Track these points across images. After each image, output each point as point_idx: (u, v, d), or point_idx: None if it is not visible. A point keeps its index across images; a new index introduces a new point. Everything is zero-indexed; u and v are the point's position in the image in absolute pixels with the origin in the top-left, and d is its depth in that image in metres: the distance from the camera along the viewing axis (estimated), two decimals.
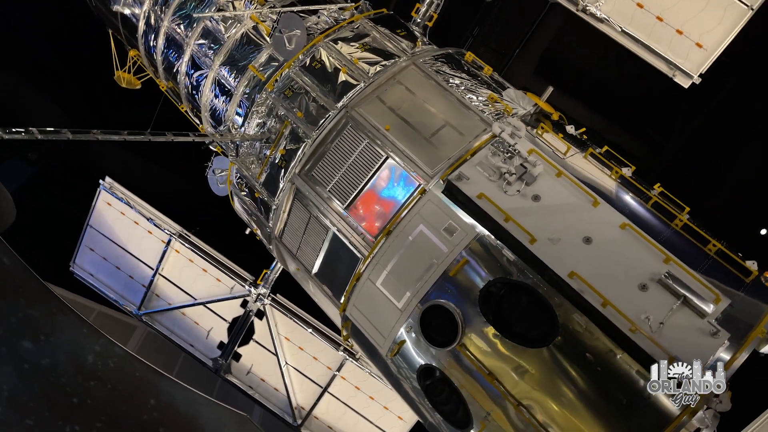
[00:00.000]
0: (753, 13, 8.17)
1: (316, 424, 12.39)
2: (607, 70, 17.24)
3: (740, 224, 14.45)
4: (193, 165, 17.64)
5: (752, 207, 14.43)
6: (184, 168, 16.69)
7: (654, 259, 6.31)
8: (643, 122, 17.67)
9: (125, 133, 6.49)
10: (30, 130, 5.66)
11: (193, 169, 17.68)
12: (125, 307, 12.71)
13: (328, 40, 8.25)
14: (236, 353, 12.38)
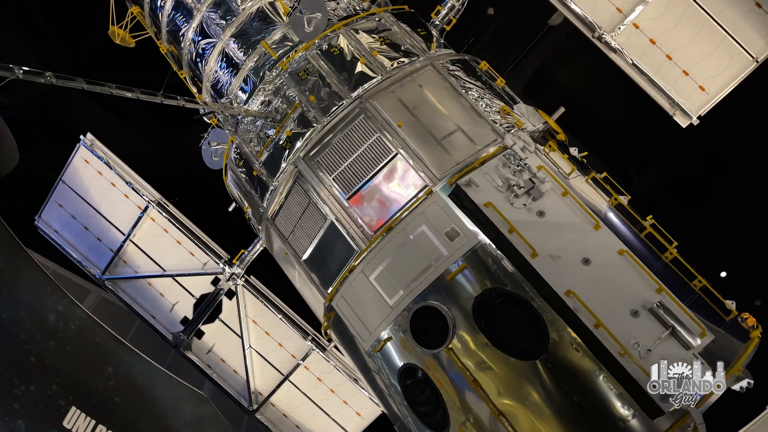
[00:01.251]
0: (756, 65, 8.52)
1: (271, 411, 12.25)
2: (595, 99, 17.69)
3: (700, 268, 15.05)
4: (178, 134, 17.24)
5: (713, 253, 15.04)
6: (168, 136, 16.27)
7: (647, 288, 6.49)
8: (619, 154, 18.20)
9: (113, 86, 6.24)
10: (11, 67, 5.31)
11: (177, 138, 17.27)
12: (88, 269, 12.27)
13: (348, 27, 8.17)
14: (199, 330, 12.12)
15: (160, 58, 12.07)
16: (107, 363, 10.17)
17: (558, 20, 17.07)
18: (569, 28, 17.82)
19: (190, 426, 10.50)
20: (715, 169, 15.99)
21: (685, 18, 8.50)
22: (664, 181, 17.22)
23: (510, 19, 17.97)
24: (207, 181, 18.36)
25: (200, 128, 17.22)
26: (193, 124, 17.02)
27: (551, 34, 17.90)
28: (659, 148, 17.23)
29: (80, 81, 5.94)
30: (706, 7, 8.38)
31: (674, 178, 17.12)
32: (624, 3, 8.65)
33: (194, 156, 18.66)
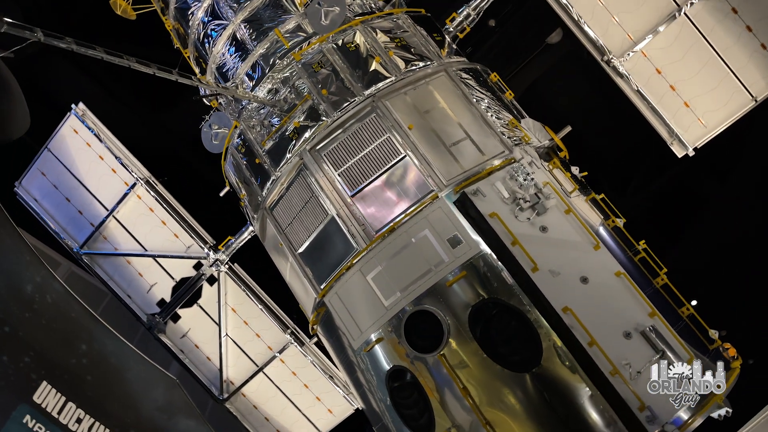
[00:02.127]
0: (755, 104, 8.78)
1: (241, 402, 12.11)
2: (584, 119, 17.96)
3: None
4: (164, 114, 16.90)
5: (686, 282, 15.39)
6: (153, 115, 15.92)
7: (641, 311, 6.63)
8: (600, 175, 18.50)
9: (102, 50, 6.04)
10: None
11: (163, 119, 16.92)
12: (65, 241, 11.95)
13: (366, 25, 8.14)
14: (176, 314, 11.90)
15: (159, 34, 11.84)
16: (81, 340, 9.92)
17: (556, 39, 17.30)
18: (566, 47, 18.12)
19: (160, 410, 10.31)
20: (691, 200, 16.37)
21: (693, 51, 8.71)
22: (641, 207, 17.56)
23: (509, 32, 18.13)
24: (189, 164, 18.10)
25: (188, 110, 16.97)
26: (179, 104, 16.75)
27: (548, 51, 18.11)
28: (641, 174, 17.56)
29: (70, 41, 5.71)
30: (713, 43, 8.59)
31: (651, 204, 17.47)
32: (635, 30, 8.82)
33: (178, 137, 18.35)
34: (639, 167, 17.63)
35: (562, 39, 17.32)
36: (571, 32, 16.98)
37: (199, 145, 16.89)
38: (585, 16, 8.81)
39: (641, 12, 8.69)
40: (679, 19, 8.58)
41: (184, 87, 16.51)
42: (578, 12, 8.80)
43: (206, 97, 10.28)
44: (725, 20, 8.50)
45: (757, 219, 11.23)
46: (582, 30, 8.92)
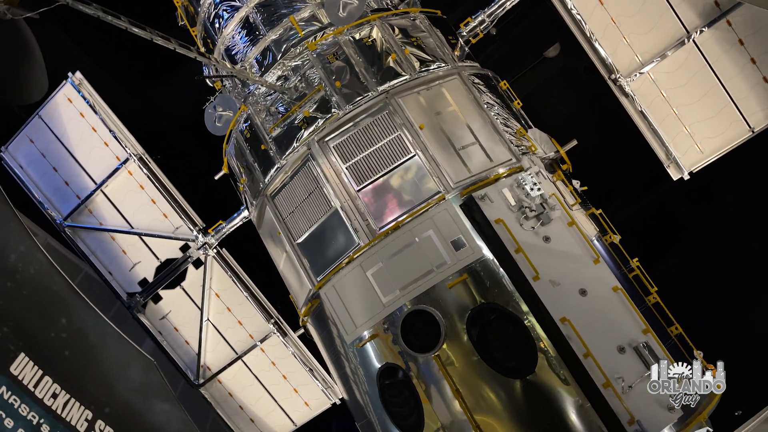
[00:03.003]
0: (751, 135, 9.02)
1: (216, 388, 11.97)
2: (574, 133, 18.17)
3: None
4: (161, 91, 16.57)
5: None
6: (149, 90, 15.61)
7: (635, 327, 6.77)
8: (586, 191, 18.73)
9: (127, 20, 5.85)
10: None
11: (158, 95, 16.59)
12: (49, 211, 11.64)
13: (384, 21, 8.12)
14: (157, 295, 11.71)
15: (163, 8, 11.62)
16: (61, 314, 9.68)
17: (553, 53, 17.50)
18: (562, 62, 18.30)
19: (135, 392, 10.11)
20: (672, 225, 16.66)
21: (697, 78, 8.90)
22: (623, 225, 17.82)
23: (509, 43, 18.27)
24: (176, 145, 17.77)
25: (180, 89, 16.71)
26: (171, 83, 16.45)
27: (544, 65, 18.30)
28: (626, 192, 17.83)
29: (96, 7, 5.47)
30: (718, 72, 8.80)
31: (634, 223, 17.75)
32: (644, 52, 8.98)
33: (167, 116, 18.00)
34: (625, 185, 17.90)
35: (559, 54, 17.51)
36: (569, 48, 17.22)
37: (188, 127, 16.66)
38: (597, 33, 8.94)
39: (652, 35, 8.85)
40: (687, 45, 8.76)
41: (179, 66, 16.32)
42: (591, 29, 8.92)
43: (210, 77, 10.14)
44: (731, 50, 8.71)
45: (742, 246, 11.54)
46: (593, 47, 9.04)
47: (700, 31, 8.65)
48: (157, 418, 10.19)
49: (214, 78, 9.93)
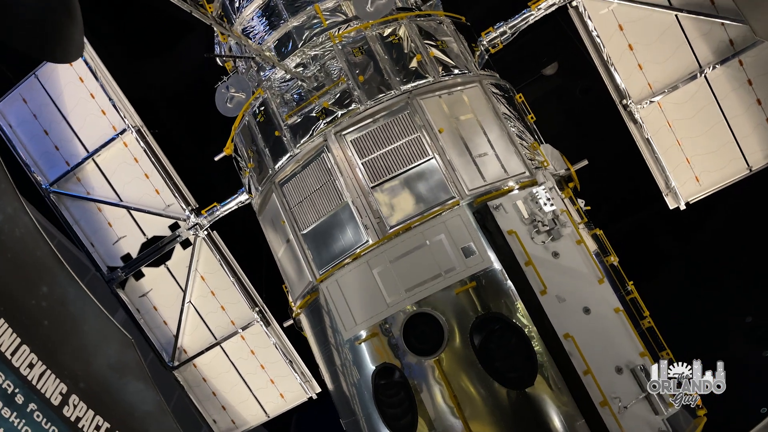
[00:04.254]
0: (748, 173, 9.29)
1: (190, 372, 11.75)
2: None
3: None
4: (155, 65, 16.14)
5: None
6: (141, 63, 15.18)
7: (633, 349, 6.90)
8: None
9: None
10: None
11: (151, 69, 16.15)
12: (35, 175, 11.25)
13: (411, 21, 8.10)
14: (140, 272, 11.44)
15: None
16: (43, 281, 9.35)
17: (551, 71, 17.74)
18: (558, 82, 18.53)
19: (111, 369, 9.84)
20: (651, 254, 16.98)
21: (704, 112, 9.12)
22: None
23: (508, 58, 18.40)
24: (163, 120, 17.36)
25: (173, 65, 16.31)
26: (165, 58, 16.05)
27: (540, 82, 18.52)
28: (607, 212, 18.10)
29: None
30: (724, 109, 9.03)
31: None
32: (656, 81, 9.16)
33: (159, 91, 17.56)
34: (612, 206, 18.18)
35: (556, 73, 17.75)
36: (566, 68, 17.43)
37: (179, 104, 16.31)
38: (614, 57, 9.08)
39: (666, 65, 9.03)
40: (699, 79, 8.97)
41: (174, 41, 15.92)
42: (608, 53, 9.05)
43: (222, 57, 9.95)
44: (740, 89, 8.95)
45: (722, 282, 11.88)
46: (608, 70, 9.18)
47: (712, 67, 8.86)
48: (130, 397, 9.93)
49: (227, 58, 9.74)
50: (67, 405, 8.79)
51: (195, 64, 15.92)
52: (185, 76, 16.00)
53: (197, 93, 16.48)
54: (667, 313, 12.24)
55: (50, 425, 8.38)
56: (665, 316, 12.09)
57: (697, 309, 11.61)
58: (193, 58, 15.99)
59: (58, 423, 8.49)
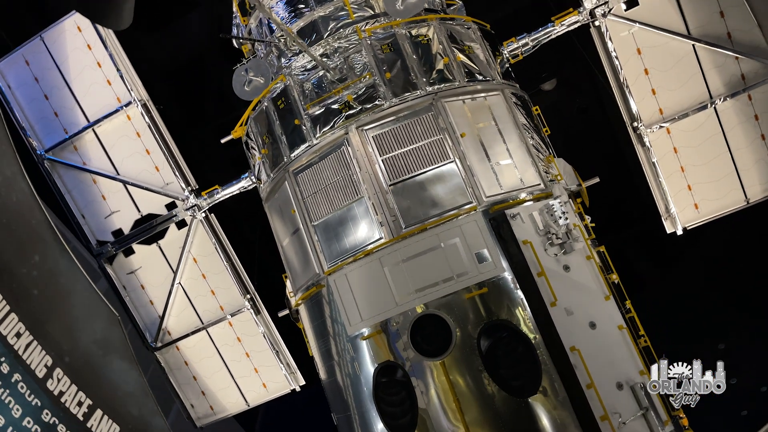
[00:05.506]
0: (746, 205, 9.57)
1: (172, 354, 11.56)
2: None
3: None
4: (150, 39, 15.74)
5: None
6: (145, 39, 14.85)
7: (634, 367, 7.05)
8: None
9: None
10: None
11: (149, 44, 15.78)
12: (30, 140, 10.92)
13: (441, 24, 8.11)
14: (130, 248, 11.20)
15: None
16: (35, 250, 9.10)
17: (548, 87, 17.97)
18: (554, 98, 18.78)
19: (96, 344, 9.62)
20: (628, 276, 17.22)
21: (710, 142, 9.36)
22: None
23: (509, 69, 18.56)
24: (157, 95, 17.02)
25: (165, 41, 15.97)
26: (159, 34, 15.72)
27: (537, 97, 18.70)
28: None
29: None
30: (729, 141, 9.29)
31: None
32: (667, 107, 9.36)
33: (154, 67, 17.24)
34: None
35: (554, 89, 17.98)
36: (564, 85, 17.62)
37: (176, 82, 16.00)
38: (630, 80, 9.25)
39: (679, 92, 9.24)
40: (709, 110, 9.21)
41: (174, 16, 15.54)
42: (625, 75, 9.22)
43: (239, 38, 9.81)
44: (746, 123, 9.22)
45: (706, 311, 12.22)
46: (623, 92, 9.35)
47: (723, 99, 9.10)
48: (113, 375, 9.73)
49: (245, 41, 9.61)
50: (51, 378, 8.57)
51: (191, 40, 15.65)
52: (182, 53, 15.73)
53: (195, 72, 16.24)
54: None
55: (33, 397, 8.17)
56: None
57: (671, 332, 11.89)
58: (194, 34, 15.68)
59: (41, 396, 8.28)
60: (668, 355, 11.31)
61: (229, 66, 15.23)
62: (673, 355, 11.59)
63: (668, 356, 9.62)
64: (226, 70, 15.28)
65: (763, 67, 8.87)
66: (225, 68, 15.28)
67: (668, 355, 10.90)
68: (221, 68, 15.36)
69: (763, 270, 11.39)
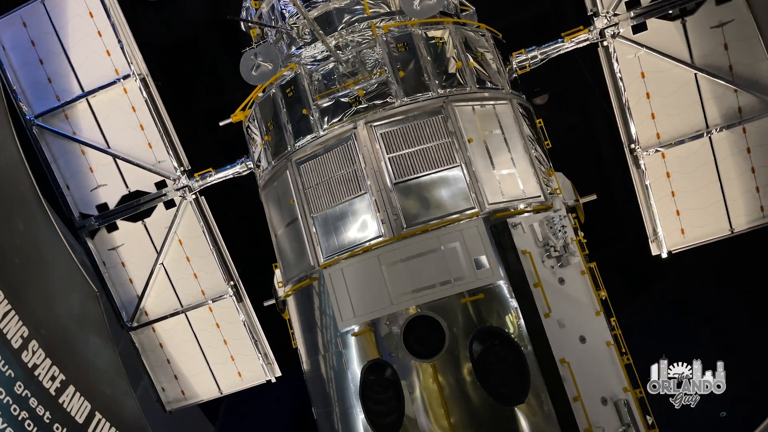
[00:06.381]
0: (730, 235, 9.82)
1: (147, 335, 11.35)
2: None
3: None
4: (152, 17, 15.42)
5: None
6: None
7: (618, 383, 7.17)
8: None
9: None
10: None
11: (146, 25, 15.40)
12: (21, 104, 10.61)
13: (457, 28, 8.14)
14: (114, 224, 10.97)
15: None
16: (20, 217, 8.86)
17: (540, 102, 18.17)
18: (545, 113, 18.95)
19: (73, 319, 9.40)
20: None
21: (702, 169, 9.58)
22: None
23: None
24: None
25: (167, 17, 15.67)
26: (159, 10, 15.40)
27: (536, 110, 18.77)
28: None
29: None
30: (721, 171, 9.53)
31: None
32: (665, 132, 9.56)
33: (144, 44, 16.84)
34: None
35: (545, 104, 18.17)
36: (554, 102, 17.81)
37: (170, 62, 15.69)
38: (632, 102, 9.42)
39: (677, 119, 9.44)
40: (704, 138, 9.43)
41: None
42: (628, 97, 9.38)
43: (248, 22, 9.68)
44: (738, 155, 9.47)
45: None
46: (623, 113, 9.51)
47: (718, 129, 9.33)
48: (88, 352, 9.53)
49: (255, 24, 9.49)
50: (26, 350, 8.35)
51: (190, 20, 15.31)
52: (176, 32, 15.40)
53: (187, 52, 15.86)
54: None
55: (8, 369, 7.94)
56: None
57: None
58: (189, 12, 15.25)
59: (15, 367, 8.05)
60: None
61: (223, 48, 15.03)
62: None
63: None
64: (220, 52, 15.12)
65: (760, 102, 9.13)
66: (219, 50, 15.13)
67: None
68: (215, 50, 15.17)
69: (740, 297, 11.68)
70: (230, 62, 14.85)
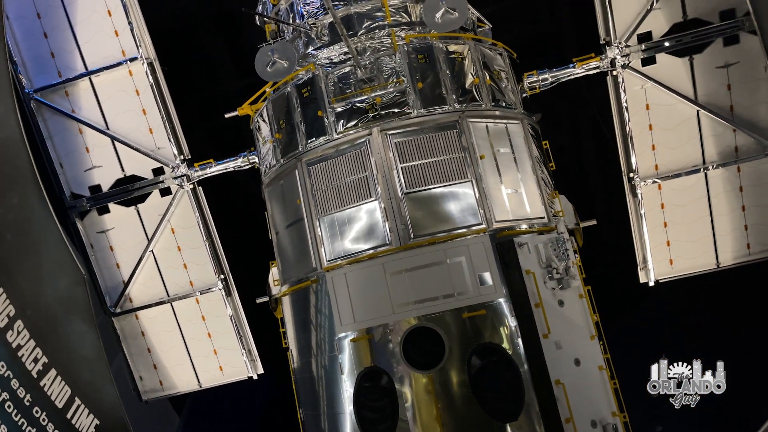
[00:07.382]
0: (716, 269, 10.11)
1: (129, 322, 11.16)
2: None
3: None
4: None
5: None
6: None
7: (607, 407, 7.32)
8: None
9: None
10: None
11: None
12: (20, 76, 10.35)
13: (477, 44, 8.22)
14: (106, 207, 10.77)
15: None
16: (15, 192, 8.64)
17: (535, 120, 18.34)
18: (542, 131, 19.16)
19: (59, 302, 9.19)
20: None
21: (695, 203, 9.85)
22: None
23: None
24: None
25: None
26: None
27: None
28: None
29: None
30: (713, 207, 9.80)
31: None
32: (663, 164, 9.80)
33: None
34: None
35: (541, 120, 18.31)
36: (547, 123, 17.99)
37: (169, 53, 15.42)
38: (635, 132, 9.63)
39: (676, 152, 9.69)
40: (700, 174, 9.70)
41: None
42: (631, 128, 9.59)
43: (264, 16, 9.63)
44: (731, 193, 9.75)
45: None
46: (626, 142, 9.72)
47: (714, 166, 9.61)
48: (72, 336, 9.34)
49: (269, 19, 9.44)
50: (11, 330, 8.16)
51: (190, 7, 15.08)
52: (175, 19, 15.18)
53: (185, 39, 15.62)
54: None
55: None
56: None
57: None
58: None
59: None
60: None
61: (222, 39, 14.83)
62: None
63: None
64: (218, 42, 14.94)
65: (756, 144, 9.42)
66: (218, 41, 14.95)
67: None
68: (214, 40, 15.00)
69: (724, 329, 11.97)
70: (230, 54, 14.76)
